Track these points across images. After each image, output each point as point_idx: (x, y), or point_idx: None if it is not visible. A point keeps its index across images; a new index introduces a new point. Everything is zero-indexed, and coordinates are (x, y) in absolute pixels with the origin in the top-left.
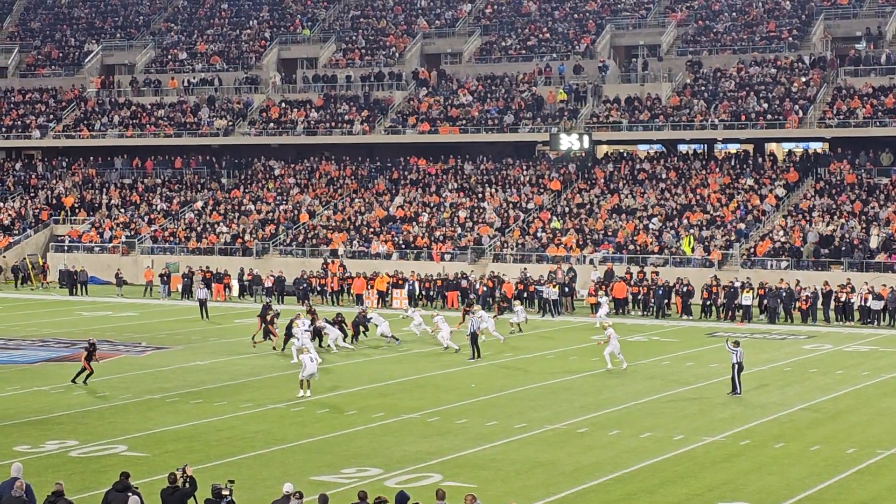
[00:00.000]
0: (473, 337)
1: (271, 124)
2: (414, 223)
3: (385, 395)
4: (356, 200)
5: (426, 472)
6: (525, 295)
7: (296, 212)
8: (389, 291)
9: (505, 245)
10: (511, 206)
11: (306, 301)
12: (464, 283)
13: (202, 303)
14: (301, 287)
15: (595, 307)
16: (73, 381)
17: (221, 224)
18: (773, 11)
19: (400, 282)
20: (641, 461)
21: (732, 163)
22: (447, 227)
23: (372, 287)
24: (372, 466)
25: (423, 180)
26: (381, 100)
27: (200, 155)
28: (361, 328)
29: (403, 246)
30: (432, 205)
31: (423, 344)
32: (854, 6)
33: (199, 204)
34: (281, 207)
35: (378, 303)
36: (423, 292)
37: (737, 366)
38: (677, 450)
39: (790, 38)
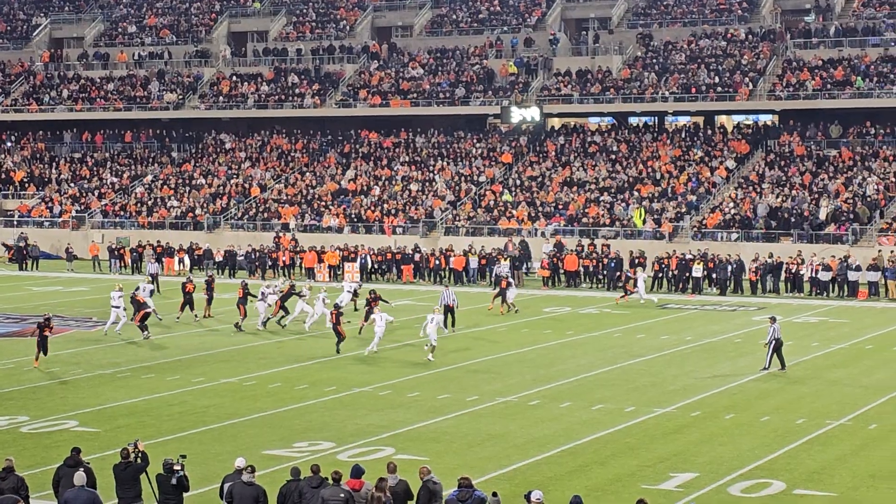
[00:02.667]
0: (447, 309)
1: (222, 98)
2: (365, 196)
3: (337, 369)
4: (307, 174)
5: (378, 445)
6: (476, 268)
7: (247, 186)
8: (341, 265)
9: (457, 218)
10: (463, 178)
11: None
12: (416, 257)
13: (154, 277)
14: (252, 261)
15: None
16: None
17: (172, 198)
18: None
19: (351, 255)
20: (593, 433)
21: (683, 135)
22: (399, 201)
23: (323, 261)
24: (324, 440)
25: (374, 154)
26: (332, 73)
27: (150, 129)
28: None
29: (355, 219)
30: (384, 178)
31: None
32: None
33: (150, 178)
34: (232, 181)
35: (329, 276)
36: (376, 266)
37: (774, 342)
38: (629, 421)
39: (740, 11)
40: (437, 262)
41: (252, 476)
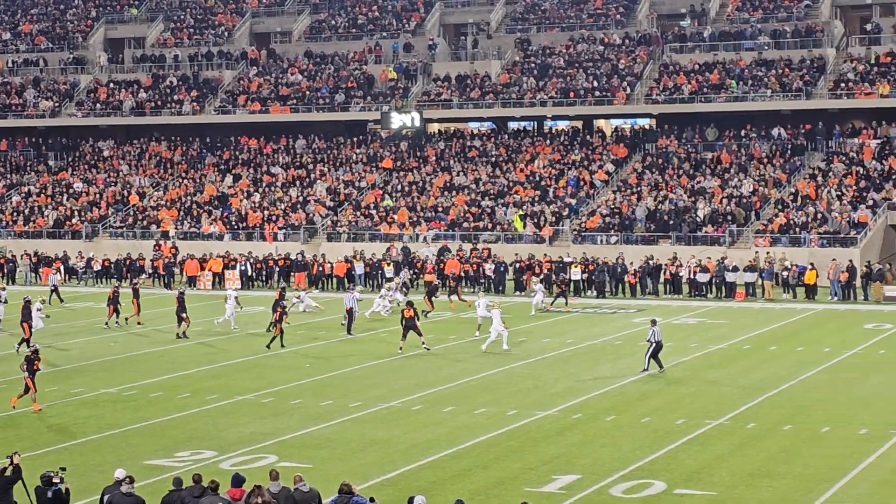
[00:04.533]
0: (349, 313)
1: (99, 105)
2: (246, 202)
3: (219, 377)
4: (186, 181)
5: (261, 453)
6: (362, 274)
7: (125, 193)
8: (222, 273)
9: (337, 224)
10: (343, 184)
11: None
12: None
13: (55, 288)
14: (131, 269)
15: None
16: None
17: (49, 207)
18: None
19: (231, 263)
20: (476, 437)
21: (562, 139)
22: (279, 206)
23: (205, 269)
24: (206, 449)
25: (254, 160)
26: (211, 79)
27: (27, 137)
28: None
29: (235, 226)
30: (264, 184)
31: (259, 325)
32: None
33: (26, 186)
34: (110, 189)
35: (213, 284)
36: (256, 273)
37: (654, 345)
38: (511, 424)
39: (617, 16)
40: (321, 268)
41: (131, 487)
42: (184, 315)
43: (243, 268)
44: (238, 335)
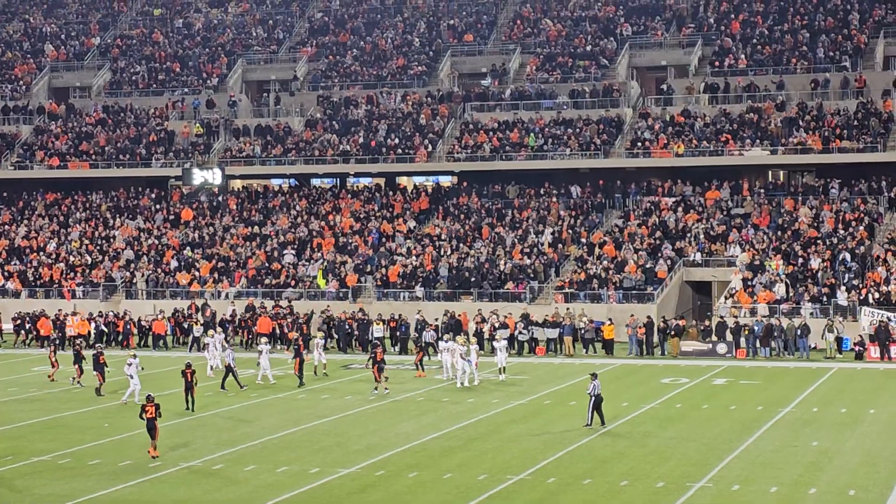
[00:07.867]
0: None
1: None
2: (41, 255)
3: (15, 438)
4: None
5: None
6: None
7: None
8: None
9: (136, 279)
10: (144, 234)
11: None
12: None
13: None
14: None
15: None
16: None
17: None
18: (402, 47)
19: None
20: (277, 496)
21: (365, 195)
22: (77, 258)
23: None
24: None
25: (51, 212)
26: (8, 134)
27: None
28: None
29: (33, 282)
30: (61, 236)
31: (56, 385)
32: (479, 44)
33: None
34: None
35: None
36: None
37: (594, 398)
38: (313, 483)
39: (419, 74)
40: (127, 326)
41: None
42: (95, 373)
43: (98, 327)
44: (35, 395)
